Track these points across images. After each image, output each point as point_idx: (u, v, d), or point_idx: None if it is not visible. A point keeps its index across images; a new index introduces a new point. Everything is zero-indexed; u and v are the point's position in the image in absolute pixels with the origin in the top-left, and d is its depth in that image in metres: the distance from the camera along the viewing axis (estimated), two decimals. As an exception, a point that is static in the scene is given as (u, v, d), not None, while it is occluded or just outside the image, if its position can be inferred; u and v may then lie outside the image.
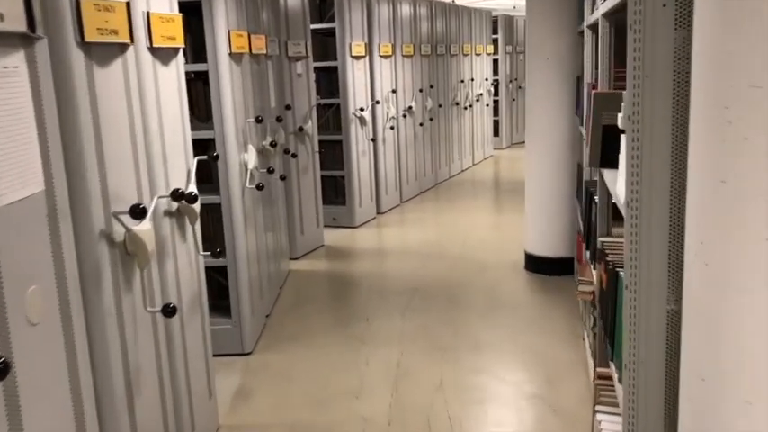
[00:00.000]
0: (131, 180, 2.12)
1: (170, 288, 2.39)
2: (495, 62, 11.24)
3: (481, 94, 10.01)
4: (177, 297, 2.46)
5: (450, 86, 8.90)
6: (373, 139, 6.69)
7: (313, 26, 6.24)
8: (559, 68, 4.55)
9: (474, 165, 9.99)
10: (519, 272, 4.97)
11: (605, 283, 2.32)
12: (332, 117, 6.70)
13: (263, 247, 4.18)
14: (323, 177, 6.52)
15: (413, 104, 7.53)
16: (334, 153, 6.75)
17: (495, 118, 11.28)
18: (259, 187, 3.67)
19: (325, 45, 6.60)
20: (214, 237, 3.92)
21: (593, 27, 3.55)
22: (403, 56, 7.35)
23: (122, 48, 2.07)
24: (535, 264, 4.88)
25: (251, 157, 3.75)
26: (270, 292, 4.37)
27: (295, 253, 5.53)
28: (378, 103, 6.74)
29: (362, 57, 6.49)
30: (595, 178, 3.62)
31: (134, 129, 2.14)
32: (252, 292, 3.82)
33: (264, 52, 4.36)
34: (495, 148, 11.19)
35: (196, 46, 3.66)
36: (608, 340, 2.25)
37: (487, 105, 10.51)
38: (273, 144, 4.15)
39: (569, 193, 4.68)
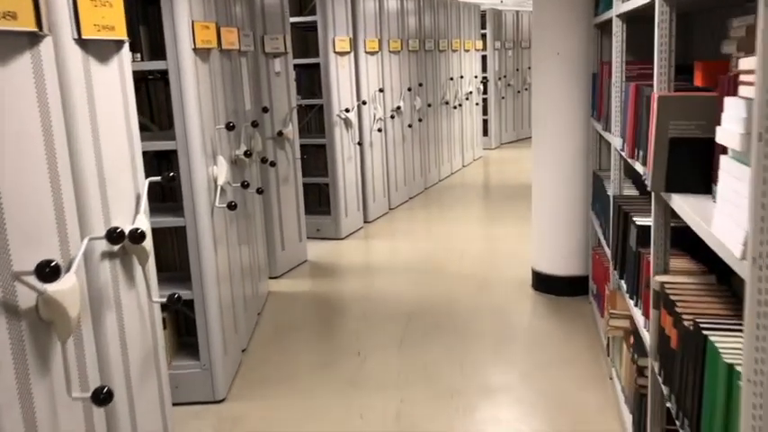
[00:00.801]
0: (49, 219, 1.56)
1: (110, 356, 1.83)
2: (484, 58, 10.74)
3: (471, 93, 9.50)
4: (122, 365, 1.90)
5: (439, 84, 8.38)
6: (360, 143, 6.15)
7: (292, 19, 5.68)
8: (572, 65, 4.04)
9: (464, 167, 9.48)
10: (526, 292, 4.46)
11: (676, 342, 1.80)
12: (314, 119, 6.14)
13: (237, 271, 3.63)
14: (305, 185, 5.96)
15: (401, 104, 7.00)
16: (317, 158, 6.19)
17: (484, 117, 10.78)
18: (231, 206, 3.12)
19: (306, 40, 6.04)
20: (180, 265, 3.36)
21: (628, 16, 3.03)
22: (390, 52, 6.81)
23: (32, 39, 1.51)
24: (544, 283, 4.37)
25: (221, 171, 3.19)
26: (246, 321, 3.81)
27: (275, 271, 4.97)
28: (364, 103, 6.19)
29: (347, 53, 5.94)
30: (629, 192, 3.11)
31: (52, 148, 1.59)
32: (224, 327, 3.26)
33: (237, 48, 3.80)
34: (484, 149, 10.69)
35: (155, 40, 3.10)
36: (681, 414, 1.73)
37: (477, 104, 10.00)
38: (248, 153, 3.59)
39: (583, 205, 4.18)
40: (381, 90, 6.55)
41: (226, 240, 3.40)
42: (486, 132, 10.97)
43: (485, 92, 10.67)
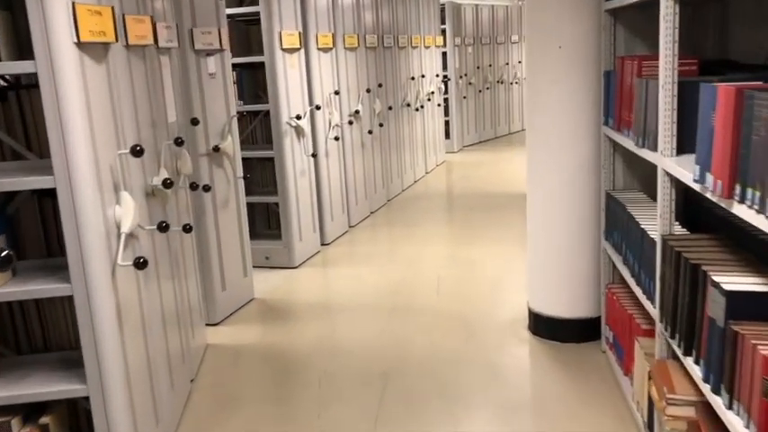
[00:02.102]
0: None
1: None
2: (444, 56, 9.98)
3: (432, 93, 8.71)
4: None
5: (400, 84, 7.56)
6: (314, 154, 5.28)
7: (230, 10, 4.79)
8: (578, 60, 3.27)
9: (427, 173, 8.69)
10: (522, 336, 3.68)
11: None
12: (260, 128, 5.25)
13: (157, 339, 2.74)
14: (251, 205, 5.08)
15: (359, 108, 6.16)
16: (264, 173, 5.31)
17: (446, 118, 10.02)
18: (139, 264, 2.23)
19: (248, 35, 5.15)
20: (75, 343, 2.46)
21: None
22: (346, 48, 5.96)
23: None
24: (545, 327, 3.60)
25: (127, 212, 2.30)
26: (173, 400, 2.92)
27: (215, 317, 4.08)
28: (318, 108, 5.33)
29: (296, 49, 5.07)
30: (679, 230, 2.34)
31: None
32: (137, 422, 2.38)
33: (153, 43, 2.91)
34: (446, 152, 9.93)
35: (24, 34, 2.19)
36: None
37: (439, 105, 9.23)
38: (169, 182, 2.70)
39: (593, 233, 3.41)
40: (337, 92, 5.70)
41: (138, 305, 2.51)
42: (447, 135, 10.21)
43: (445, 91, 9.91)
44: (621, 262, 2.95)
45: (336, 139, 5.66)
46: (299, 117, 4.99)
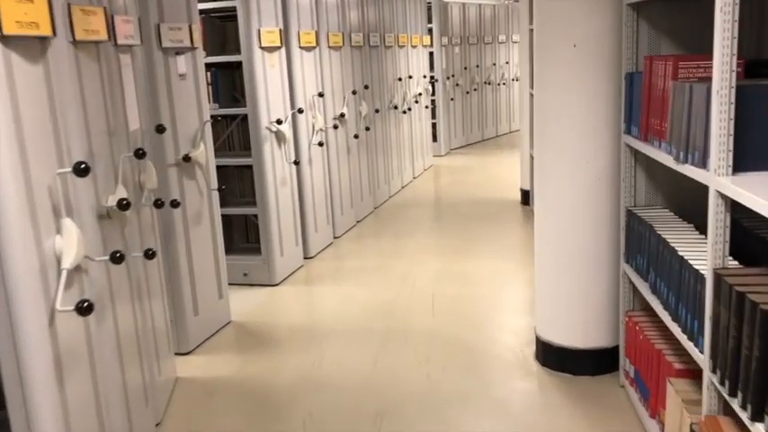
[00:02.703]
0: None
1: None
2: (431, 56, 9.61)
3: (420, 94, 8.34)
4: None
5: (387, 86, 7.17)
6: (296, 162, 4.88)
7: (203, 5, 4.38)
8: (595, 61, 2.90)
9: (414, 178, 8.32)
10: (529, 368, 3.30)
11: None
12: (237, 133, 4.84)
13: (111, 384, 2.33)
14: (227, 217, 4.68)
15: (345, 111, 5.76)
16: (241, 183, 4.90)
17: (433, 120, 9.65)
18: (83, 310, 1.81)
19: (223, 32, 4.74)
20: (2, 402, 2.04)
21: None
22: (330, 47, 5.56)
23: None
24: (555, 357, 3.23)
25: (70, 243, 1.89)
26: (134, 453, 2.52)
27: (186, 345, 3.66)
28: (301, 111, 4.93)
29: (277, 48, 4.66)
30: (732, 263, 1.97)
31: None
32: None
33: (107, 38, 2.50)
34: (434, 156, 9.56)
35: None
36: None
37: (426, 107, 8.86)
38: (125, 204, 2.29)
39: (611, 255, 3.05)
40: (321, 94, 5.30)
41: (87, 348, 2.10)
42: (434, 138, 9.84)
43: (432, 93, 9.54)
44: (649, 290, 2.58)
45: (320, 144, 5.26)
46: (279, 121, 4.58)
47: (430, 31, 9.56)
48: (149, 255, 2.54)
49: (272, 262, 4.65)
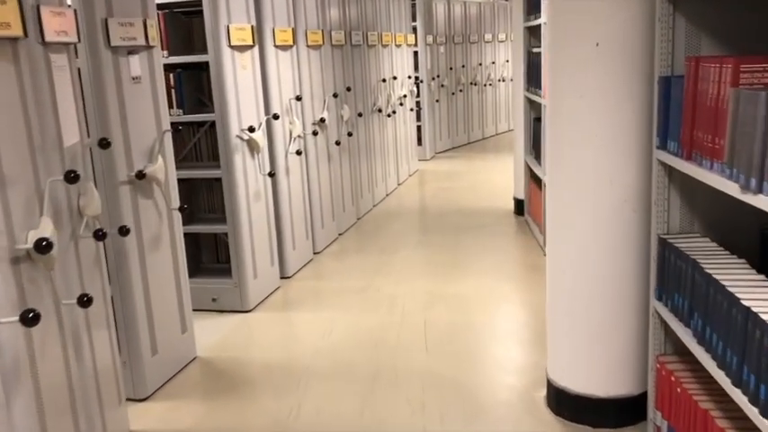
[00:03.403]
0: None
1: None
2: (415, 55, 9.16)
3: (405, 96, 7.88)
4: None
5: (370, 88, 6.70)
6: (271, 173, 4.39)
7: (164, -3, 3.89)
8: (622, 63, 2.46)
9: (399, 185, 7.86)
10: (541, 417, 2.85)
11: None
12: (205, 142, 4.35)
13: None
14: (193, 236, 4.21)
15: (325, 115, 5.28)
16: (210, 197, 4.41)
17: (417, 123, 9.20)
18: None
19: (189, 29, 4.24)
20: None
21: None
22: (308, 46, 5.08)
23: None
24: (571, 406, 2.78)
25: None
26: None
27: (143, 389, 3.17)
28: (276, 117, 4.45)
29: (248, 47, 4.18)
30: None
31: None
32: None
33: (22, 34, 2.00)
34: (419, 160, 9.11)
35: None
36: None
37: (411, 110, 8.40)
38: (45, 245, 1.80)
39: (639, 290, 2.61)
40: (299, 98, 4.82)
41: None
42: (419, 141, 9.39)
43: (417, 94, 9.09)
44: (692, 338, 2.14)
45: (299, 153, 4.78)
46: (251, 129, 4.10)
47: (414, 29, 9.12)
48: (84, 302, 2.05)
49: (245, 285, 4.16)
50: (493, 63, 11.52)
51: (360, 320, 3.96)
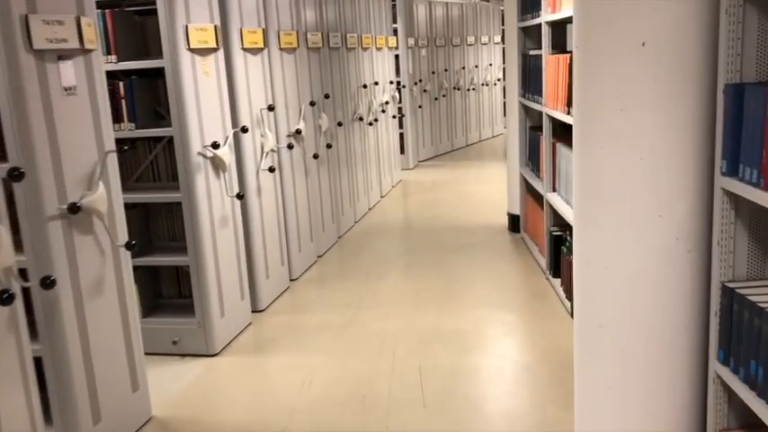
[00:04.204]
0: None
1: None
2: (397, 59, 8.66)
3: (387, 103, 7.36)
4: None
5: (350, 94, 6.17)
6: (240, 195, 3.84)
7: (109, -8, 3.33)
8: (674, 67, 1.96)
9: (382, 198, 7.34)
10: (568, 499, 2.34)
11: None
12: (163, 160, 3.79)
13: None
14: (149, 268, 3.66)
15: (301, 126, 4.74)
16: (171, 222, 3.86)
17: (400, 130, 8.68)
18: None
19: (142, 30, 3.68)
20: None
21: None
22: (281, 49, 4.55)
23: None
24: (608, 488, 2.27)
25: None
26: None
27: (82, 468, 2.60)
28: (245, 130, 3.90)
29: (212, 50, 3.63)
30: None
31: None
32: None
33: None
34: (402, 169, 8.60)
35: None
36: None
37: (394, 117, 7.89)
38: None
39: (695, 350, 2.10)
40: (271, 108, 4.28)
41: None
42: (402, 149, 8.88)
43: (399, 100, 8.59)
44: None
45: (272, 170, 4.23)
46: (216, 145, 3.55)
47: (395, 31, 8.61)
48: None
49: (210, 325, 3.61)
50: (476, 67, 11.06)
51: (345, 367, 3.43)
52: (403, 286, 4.57)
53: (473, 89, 10.97)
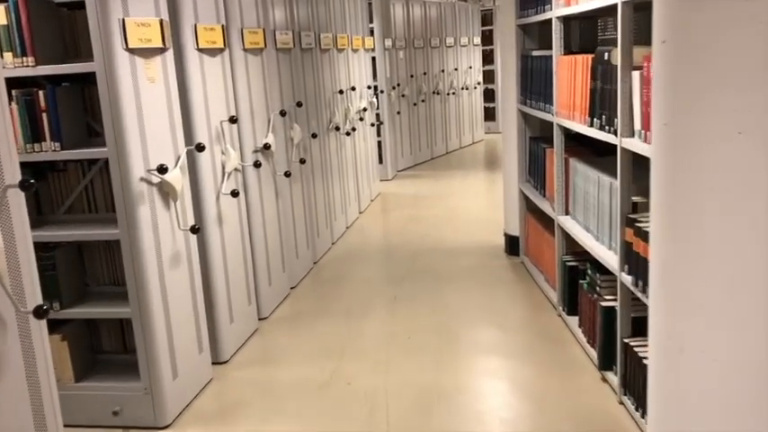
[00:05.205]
0: None
1: None
2: (374, 61, 8.01)
3: (365, 110, 6.71)
4: None
5: (325, 101, 5.50)
6: (195, 229, 3.13)
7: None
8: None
9: (361, 214, 6.68)
10: None
11: None
12: (98, 187, 3.08)
13: None
14: (78, 321, 2.96)
15: (270, 140, 4.06)
16: (111, 261, 3.15)
17: (378, 138, 8.03)
18: None
19: (71, 26, 2.97)
20: None
21: None
22: (245, 50, 3.86)
23: None
24: None
25: None
26: None
27: None
28: (202, 148, 3.20)
29: (158, 51, 2.93)
30: None
31: None
32: None
33: None
34: (381, 180, 7.95)
35: None
36: None
37: (372, 125, 7.23)
38: None
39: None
40: (234, 120, 3.59)
41: None
42: (381, 159, 8.23)
43: (377, 106, 7.93)
44: None
45: (235, 194, 3.54)
46: (164, 168, 2.85)
47: (371, 32, 7.96)
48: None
49: (159, 391, 2.91)
50: (455, 69, 10.46)
51: (327, 442, 2.76)
52: (391, 326, 3.91)
53: (453, 93, 10.37)
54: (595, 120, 3.06)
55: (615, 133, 2.77)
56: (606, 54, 2.85)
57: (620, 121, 2.69)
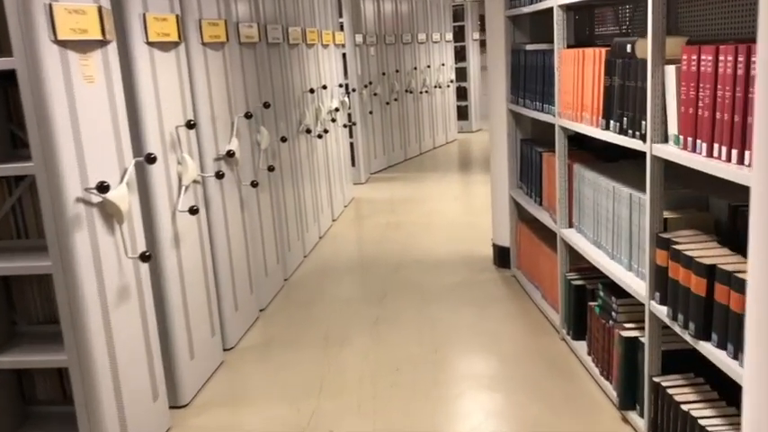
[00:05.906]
0: None
1: None
2: (344, 58, 7.54)
3: (337, 110, 6.24)
4: None
5: (295, 101, 5.03)
6: (146, 256, 2.64)
7: None
8: None
9: (334, 222, 6.22)
10: None
11: None
12: (28, 208, 2.57)
13: None
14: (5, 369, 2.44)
15: (234, 146, 3.58)
16: (43, 299, 2.65)
17: (350, 140, 7.57)
18: None
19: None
20: None
21: None
22: (204, 44, 3.38)
23: None
24: None
25: None
26: None
27: None
28: (152, 159, 2.70)
29: (96, 44, 2.43)
30: None
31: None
32: None
33: None
34: (354, 184, 7.49)
35: None
36: None
37: (345, 126, 6.78)
38: None
39: None
40: (192, 124, 3.10)
41: None
42: (353, 162, 7.77)
43: (349, 105, 7.47)
44: None
45: (194, 211, 3.04)
46: (104, 187, 2.35)
47: (342, 27, 7.50)
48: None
49: (105, 452, 2.42)
50: (428, 67, 10.05)
51: None
52: (376, 356, 3.46)
53: (426, 92, 9.96)
54: (612, 122, 2.66)
55: (643, 138, 2.36)
56: (629, 46, 2.44)
57: (650, 124, 2.28)
